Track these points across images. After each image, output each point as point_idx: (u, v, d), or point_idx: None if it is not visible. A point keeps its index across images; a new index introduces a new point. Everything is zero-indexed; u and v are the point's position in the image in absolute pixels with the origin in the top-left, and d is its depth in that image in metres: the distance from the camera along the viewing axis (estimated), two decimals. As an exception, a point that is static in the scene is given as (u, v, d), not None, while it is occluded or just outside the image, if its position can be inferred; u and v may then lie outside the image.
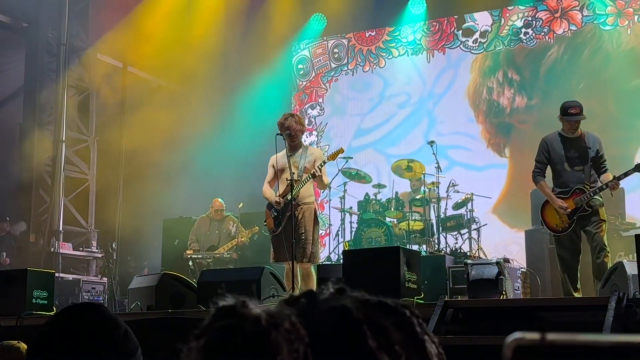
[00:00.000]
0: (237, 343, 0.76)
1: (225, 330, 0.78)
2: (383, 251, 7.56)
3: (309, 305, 0.80)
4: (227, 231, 10.94)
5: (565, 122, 7.15)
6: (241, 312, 0.79)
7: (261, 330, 0.76)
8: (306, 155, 7.87)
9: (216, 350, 0.77)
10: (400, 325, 0.80)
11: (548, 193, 7.14)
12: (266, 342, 0.75)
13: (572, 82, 12.67)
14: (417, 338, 0.81)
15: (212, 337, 0.78)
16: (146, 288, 7.55)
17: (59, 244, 12.59)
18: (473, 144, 13.44)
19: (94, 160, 13.74)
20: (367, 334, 0.77)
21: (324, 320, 0.78)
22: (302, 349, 0.75)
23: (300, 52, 15.21)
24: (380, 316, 0.80)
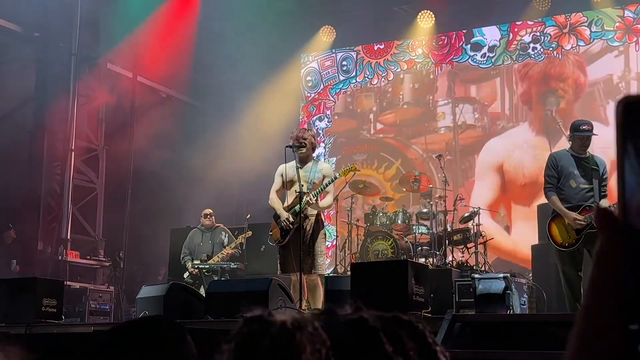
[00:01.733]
0: (264, 344, 0.82)
1: (254, 333, 0.84)
2: (391, 264, 7.58)
3: (329, 317, 0.86)
4: (219, 241, 10.97)
5: (577, 139, 7.19)
6: (267, 319, 0.85)
7: (287, 332, 0.82)
8: (316, 170, 7.90)
9: (245, 351, 0.83)
10: (413, 335, 0.85)
11: (561, 208, 7.11)
12: (291, 343, 0.81)
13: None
14: (430, 348, 0.86)
15: (241, 340, 0.85)
16: (155, 297, 7.59)
17: (66, 252, 12.64)
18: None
19: (103, 169, 13.81)
20: (383, 340, 0.82)
21: (342, 329, 0.84)
22: (324, 350, 0.80)
23: (309, 64, 15.28)
24: (394, 327, 0.85)
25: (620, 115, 0.71)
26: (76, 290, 11.52)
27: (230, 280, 10.06)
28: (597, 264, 0.72)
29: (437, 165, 12.10)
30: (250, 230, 10.92)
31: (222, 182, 13.39)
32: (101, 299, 11.48)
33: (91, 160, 13.77)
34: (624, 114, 0.70)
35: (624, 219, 0.69)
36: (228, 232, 11.07)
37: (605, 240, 0.72)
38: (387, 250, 10.20)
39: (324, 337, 0.82)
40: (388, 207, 11.41)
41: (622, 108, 0.71)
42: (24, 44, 13.09)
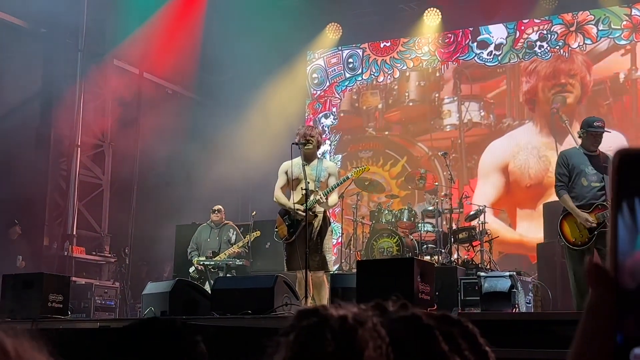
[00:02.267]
0: (326, 338, 0.81)
1: (314, 327, 0.83)
2: (397, 262, 7.59)
3: (382, 313, 0.86)
4: (227, 238, 10.98)
5: (590, 136, 7.12)
6: (324, 313, 0.85)
7: (349, 327, 0.82)
8: (322, 169, 7.89)
9: (307, 344, 0.82)
10: (464, 335, 0.86)
11: (572, 207, 7.04)
12: (353, 339, 0.81)
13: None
14: (481, 348, 0.86)
15: (301, 334, 0.84)
16: (160, 294, 7.60)
17: (72, 248, 12.67)
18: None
19: (109, 165, 13.83)
20: (439, 338, 0.83)
21: (397, 326, 0.83)
22: (385, 347, 0.80)
23: (315, 62, 15.28)
24: (447, 325, 0.85)
25: (616, 169, 0.70)
26: (82, 286, 11.53)
27: (236, 277, 10.08)
28: (587, 316, 0.73)
29: (442, 163, 12.12)
30: (259, 231, 10.90)
31: (228, 178, 13.40)
32: (107, 294, 11.50)
33: (97, 156, 13.79)
34: (619, 168, 0.70)
35: (615, 277, 0.69)
36: (236, 230, 11.06)
37: (597, 295, 0.72)
38: (392, 248, 10.20)
39: (383, 333, 0.82)
40: (393, 205, 11.42)
41: (618, 161, 0.71)
42: (31, 39, 13.10)
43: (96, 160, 13.77)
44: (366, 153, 14.66)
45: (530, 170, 13.15)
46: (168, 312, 7.29)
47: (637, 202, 0.68)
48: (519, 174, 13.24)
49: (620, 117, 12.71)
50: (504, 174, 13.39)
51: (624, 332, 0.68)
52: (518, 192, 13.24)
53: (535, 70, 13.43)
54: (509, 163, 13.39)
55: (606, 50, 13.00)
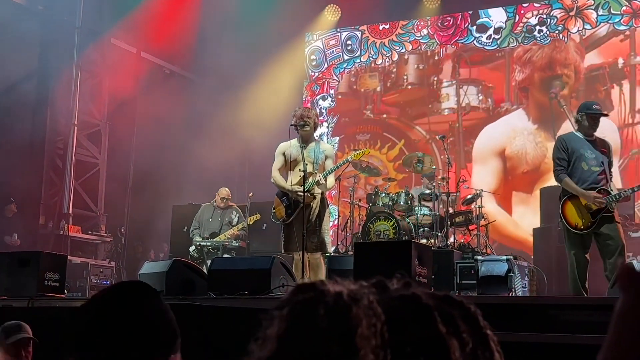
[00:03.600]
0: (320, 314, 0.80)
1: (309, 302, 0.82)
2: (394, 245, 7.59)
3: (382, 291, 0.85)
4: (229, 219, 10.98)
5: (589, 119, 7.05)
6: (321, 288, 0.84)
7: (343, 303, 0.81)
8: (319, 151, 7.85)
9: (300, 319, 0.81)
10: (466, 317, 0.84)
11: (576, 188, 6.94)
12: (348, 315, 0.80)
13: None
14: (482, 332, 0.85)
15: (295, 308, 0.83)
16: (157, 274, 7.58)
17: (68, 227, 12.65)
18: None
19: (105, 144, 13.80)
20: (437, 319, 0.81)
21: (396, 304, 0.82)
22: (379, 325, 0.79)
23: (314, 43, 15.23)
24: (447, 306, 0.84)
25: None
26: (77, 265, 11.53)
27: (233, 257, 10.08)
28: (619, 320, 0.71)
29: (440, 147, 12.12)
30: (259, 214, 10.89)
31: (225, 159, 13.38)
32: (102, 274, 11.49)
33: (94, 135, 13.76)
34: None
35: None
36: (239, 212, 11.04)
37: (630, 298, 0.70)
38: (388, 231, 10.19)
39: (379, 311, 0.80)
40: (390, 188, 11.40)
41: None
42: (28, 17, 13.01)
43: (93, 139, 13.73)
44: (364, 136, 14.64)
45: (527, 156, 13.15)
46: (164, 292, 7.28)
47: None
48: (517, 160, 13.25)
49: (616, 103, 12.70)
50: (500, 159, 13.39)
51: None
52: (514, 177, 13.24)
53: (530, 60, 13.40)
54: (505, 148, 13.38)
55: (605, 36, 12.98)
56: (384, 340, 0.78)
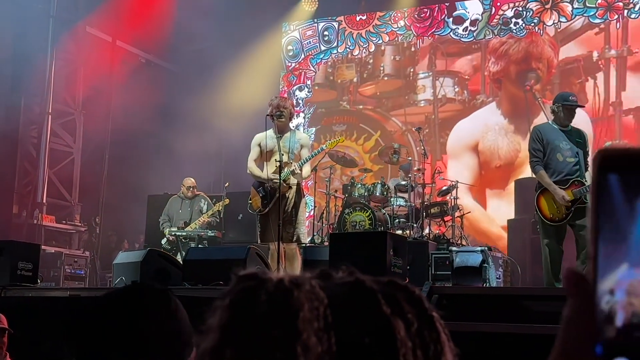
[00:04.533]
0: (261, 300, 0.80)
1: (250, 289, 0.82)
2: (370, 235, 7.61)
3: (325, 278, 0.85)
4: (198, 208, 10.97)
5: (565, 110, 7.08)
6: (263, 276, 0.84)
7: (284, 288, 0.81)
8: (295, 141, 7.85)
9: (242, 307, 0.81)
10: (410, 300, 0.84)
11: (549, 183, 6.96)
12: (289, 300, 0.79)
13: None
14: (427, 313, 0.84)
15: (237, 296, 0.82)
16: (131, 264, 7.57)
17: (42, 216, 12.56)
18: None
19: (80, 133, 13.69)
20: (381, 301, 0.81)
21: (340, 289, 0.82)
22: (322, 308, 0.79)
23: (291, 33, 15.20)
24: (392, 290, 0.84)
25: (596, 176, 0.64)
26: (51, 254, 11.46)
27: (208, 247, 10.06)
28: (565, 328, 0.70)
29: (416, 138, 12.14)
30: (228, 199, 10.91)
31: (201, 149, 13.33)
32: (76, 264, 11.43)
33: (68, 124, 13.65)
34: (600, 170, 0.63)
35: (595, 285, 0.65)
36: (208, 200, 11.06)
37: (575, 305, 0.68)
38: (364, 222, 10.22)
39: (321, 295, 0.80)
40: (366, 179, 11.42)
41: (599, 162, 0.63)
42: (1, 5, 12.87)
43: (67, 128, 13.63)
44: (340, 127, 14.65)
45: (500, 151, 13.22)
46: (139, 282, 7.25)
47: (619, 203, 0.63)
48: (489, 154, 13.31)
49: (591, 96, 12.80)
50: (474, 153, 13.45)
51: (603, 342, 0.64)
52: (488, 172, 13.31)
53: (506, 52, 13.45)
54: (478, 143, 13.44)
55: (580, 29, 13.05)
56: (327, 323, 0.78)
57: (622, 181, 0.62)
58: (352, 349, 0.78)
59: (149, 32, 13.64)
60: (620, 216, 0.63)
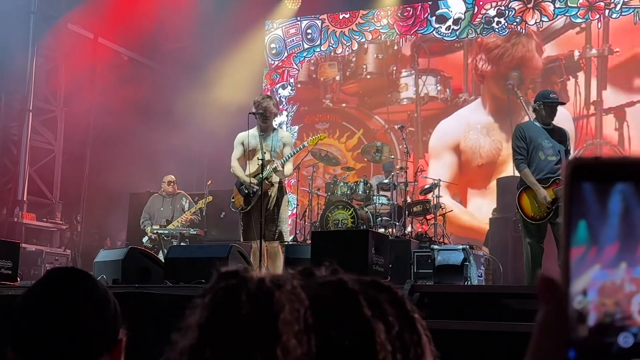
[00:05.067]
0: (242, 300, 0.80)
1: (231, 288, 0.82)
2: (352, 233, 7.62)
3: (307, 277, 0.84)
4: (180, 206, 10.96)
5: (547, 107, 7.11)
6: (244, 275, 0.83)
7: (265, 289, 0.80)
8: (277, 139, 7.86)
9: (222, 306, 0.81)
10: (392, 301, 0.84)
11: (533, 182, 6.98)
12: (270, 300, 0.79)
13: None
14: (409, 315, 0.84)
15: (217, 295, 0.82)
16: (113, 262, 7.53)
17: (22, 214, 12.47)
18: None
19: (61, 130, 13.60)
20: (362, 303, 0.81)
21: (321, 290, 0.82)
22: (303, 310, 0.79)
23: (274, 31, 15.18)
24: (374, 291, 0.84)
25: (568, 184, 0.65)
26: (32, 252, 11.39)
27: (190, 246, 10.03)
28: (537, 334, 0.70)
29: (399, 136, 12.16)
30: (211, 196, 10.89)
31: (184, 148, 13.28)
32: (57, 262, 11.37)
33: (49, 121, 13.55)
34: (572, 180, 0.65)
35: (567, 291, 0.65)
36: (189, 198, 11.04)
37: (548, 311, 0.69)
38: (347, 220, 10.22)
39: (302, 296, 0.80)
40: (349, 177, 11.43)
41: (570, 172, 0.65)
42: (-18, 0, 12.79)
43: (48, 126, 13.53)
44: (323, 125, 14.64)
45: (481, 150, 13.26)
46: (120, 280, 7.23)
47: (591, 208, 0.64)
48: (470, 153, 13.35)
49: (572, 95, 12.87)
50: (455, 153, 13.48)
51: (576, 348, 0.65)
52: (469, 171, 13.35)
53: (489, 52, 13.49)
54: (460, 142, 13.47)
55: (562, 28, 13.12)
56: (307, 325, 0.78)
57: (593, 189, 0.65)
58: (332, 351, 0.78)
59: (132, 29, 13.57)
60: (591, 221, 0.64)
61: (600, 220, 0.64)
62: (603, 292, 0.65)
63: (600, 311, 0.65)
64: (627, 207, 0.64)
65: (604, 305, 0.64)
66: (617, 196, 0.64)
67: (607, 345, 0.64)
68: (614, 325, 0.64)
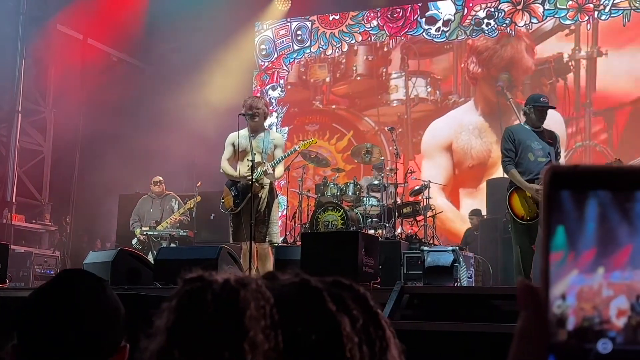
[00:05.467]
0: (207, 300, 0.81)
1: (196, 291, 0.83)
2: (342, 235, 7.61)
3: (271, 278, 0.86)
4: (169, 207, 10.94)
5: (537, 111, 7.17)
6: (209, 278, 0.84)
7: (230, 288, 0.82)
8: (269, 140, 7.84)
9: (188, 308, 0.82)
10: (355, 298, 0.86)
11: (521, 181, 7.04)
12: (235, 299, 0.80)
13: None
14: (372, 310, 0.86)
15: (183, 298, 0.83)
16: (102, 263, 7.51)
17: (11, 215, 12.43)
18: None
19: (50, 132, 13.56)
20: (326, 299, 0.83)
21: (285, 289, 0.84)
22: (268, 307, 0.80)
23: (264, 33, 15.17)
24: (336, 289, 0.86)
25: (547, 191, 0.66)
26: (21, 254, 11.34)
27: (180, 247, 10.01)
28: (517, 341, 0.70)
29: (389, 138, 12.15)
30: (200, 196, 10.87)
31: (173, 149, 13.25)
32: (46, 263, 11.33)
33: (38, 122, 13.51)
34: (550, 191, 0.66)
35: (547, 298, 0.66)
36: (178, 199, 11.01)
37: (527, 318, 0.69)
38: (337, 221, 10.22)
39: (268, 294, 0.81)
40: (339, 179, 11.43)
41: (549, 179, 0.66)
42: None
43: (37, 127, 13.49)
44: (313, 126, 14.64)
45: (473, 151, 13.29)
46: (109, 282, 7.19)
47: (569, 215, 0.65)
48: (462, 154, 13.38)
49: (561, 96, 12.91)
50: (447, 153, 13.51)
51: (556, 354, 0.65)
52: (460, 172, 13.37)
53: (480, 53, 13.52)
54: (452, 142, 13.50)
55: (551, 30, 13.16)
56: (273, 321, 0.79)
57: (571, 196, 0.66)
58: (299, 345, 0.79)
59: (121, 30, 13.54)
60: (570, 226, 0.65)
61: (578, 226, 0.65)
62: (581, 297, 0.65)
63: (579, 315, 0.65)
64: (604, 214, 0.65)
65: (582, 310, 0.65)
66: (594, 203, 0.65)
67: (586, 351, 0.65)
68: (592, 329, 0.65)
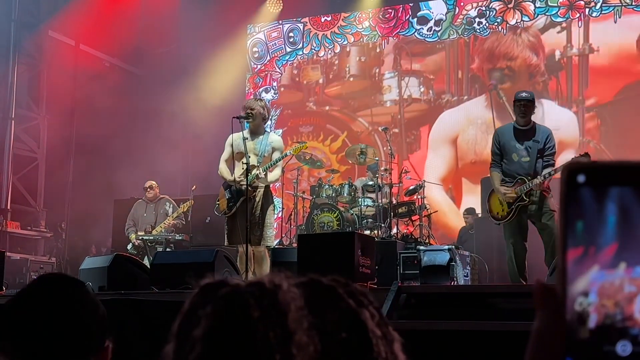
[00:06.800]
0: (249, 304, 0.79)
1: (233, 295, 0.81)
2: (338, 236, 7.61)
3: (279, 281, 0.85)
4: (163, 211, 10.93)
5: (517, 108, 7.25)
6: (232, 282, 0.83)
7: (269, 291, 0.81)
8: (267, 143, 7.80)
9: (229, 313, 0.80)
10: (359, 293, 0.86)
11: (493, 183, 7.31)
12: (276, 301, 0.80)
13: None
14: (375, 305, 0.87)
15: (219, 303, 0.81)
16: (99, 269, 7.50)
17: (6, 222, 12.41)
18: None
19: (44, 138, 13.54)
20: (344, 295, 0.83)
21: (305, 289, 0.83)
22: (306, 308, 0.80)
23: (256, 35, 15.18)
24: (344, 287, 0.86)
25: (564, 187, 0.66)
26: (17, 261, 11.33)
27: (176, 251, 10.01)
28: (534, 342, 0.70)
29: (383, 138, 12.19)
30: (193, 200, 10.86)
31: (168, 153, 13.25)
32: (42, 270, 11.32)
33: (32, 129, 13.49)
34: (567, 187, 0.65)
35: (564, 299, 0.65)
36: (172, 203, 11.01)
37: (544, 319, 0.69)
38: (332, 223, 10.23)
39: (298, 293, 0.81)
40: (334, 180, 11.44)
41: (567, 176, 0.66)
42: (-38, 8, 12.72)
43: (31, 133, 13.47)
44: (307, 128, 14.65)
45: (476, 146, 13.29)
46: (106, 287, 7.20)
47: (588, 210, 0.65)
48: (466, 148, 13.38)
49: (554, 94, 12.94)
50: (452, 146, 13.51)
51: (573, 356, 0.64)
52: (464, 166, 13.38)
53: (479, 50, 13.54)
54: (458, 135, 13.49)
55: (543, 27, 13.19)
56: (310, 322, 0.79)
57: (590, 191, 0.65)
58: (332, 345, 0.79)
59: (113, 35, 13.52)
60: (589, 222, 0.64)
61: (598, 220, 0.64)
62: (602, 293, 0.64)
63: (601, 313, 0.64)
64: (624, 209, 0.64)
65: (604, 307, 0.64)
66: (614, 199, 0.64)
67: (605, 353, 0.64)
68: (614, 326, 0.64)
